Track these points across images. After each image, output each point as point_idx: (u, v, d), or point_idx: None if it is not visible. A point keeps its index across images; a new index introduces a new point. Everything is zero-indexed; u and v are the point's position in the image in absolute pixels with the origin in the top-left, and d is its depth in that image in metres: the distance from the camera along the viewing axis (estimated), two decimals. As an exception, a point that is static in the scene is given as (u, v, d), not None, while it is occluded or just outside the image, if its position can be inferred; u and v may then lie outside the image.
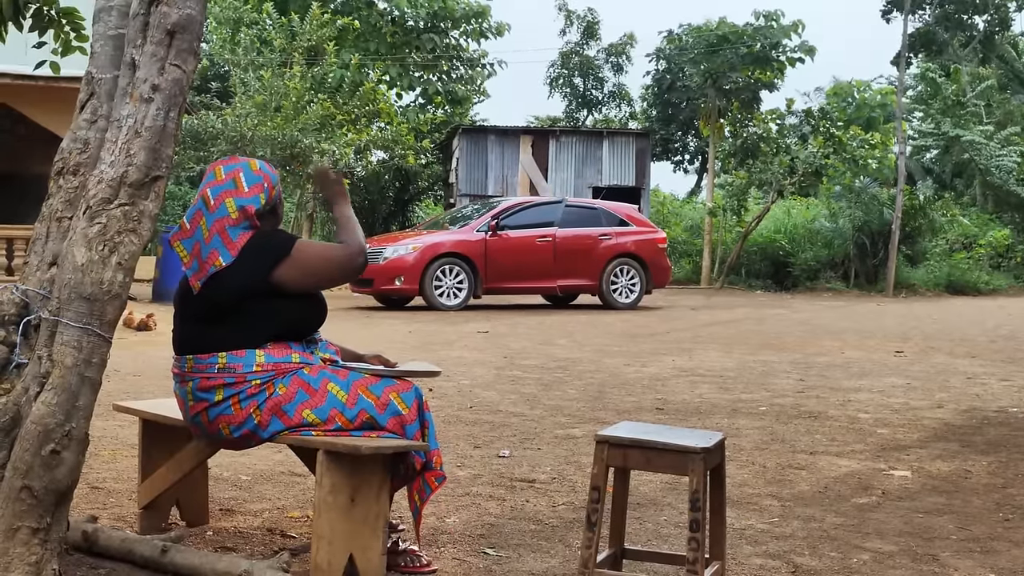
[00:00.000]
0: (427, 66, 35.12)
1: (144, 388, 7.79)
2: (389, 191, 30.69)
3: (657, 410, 7.49)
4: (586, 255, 18.12)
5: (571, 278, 18.21)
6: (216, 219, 3.57)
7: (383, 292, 17.64)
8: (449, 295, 17.29)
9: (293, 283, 3.57)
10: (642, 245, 18.57)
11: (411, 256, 17.20)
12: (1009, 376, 9.85)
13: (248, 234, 3.58)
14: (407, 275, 17.08)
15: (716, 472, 3.49)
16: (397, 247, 17.44)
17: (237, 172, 3.65)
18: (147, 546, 3.64)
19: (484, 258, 17.46)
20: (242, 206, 3.59)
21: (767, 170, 28.00)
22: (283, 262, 3.56)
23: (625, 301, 18.33)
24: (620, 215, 19.03)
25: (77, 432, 3.14)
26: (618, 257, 18.32)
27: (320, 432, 3.55)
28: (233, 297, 3.53)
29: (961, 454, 6.17)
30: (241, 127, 22.56)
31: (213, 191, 3.61)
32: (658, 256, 18.85)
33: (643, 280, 18.49)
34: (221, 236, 3.54)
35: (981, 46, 38.71)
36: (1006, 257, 30.30)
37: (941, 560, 4.08)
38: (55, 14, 4.70)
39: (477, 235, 17.65)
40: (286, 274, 3.56)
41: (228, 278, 3.53)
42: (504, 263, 17.57)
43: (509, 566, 3.86)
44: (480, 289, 17.51)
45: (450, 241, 17.60)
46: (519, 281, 17.90)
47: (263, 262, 3.55)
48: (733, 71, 30.07)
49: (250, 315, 3.55)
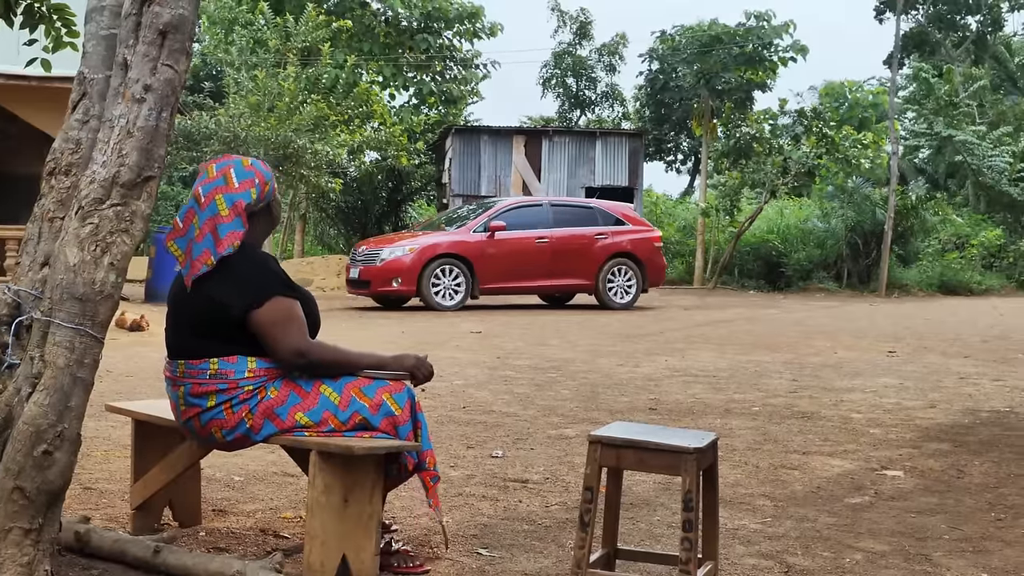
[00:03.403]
0: (421, 67, 35.12)
1: (137, 389, 7.78)
2: (382, 191, 30.68)
3: (650, 410, 7.49)
4: (582, 255, 18.15)
5: (568, 278, 18.25)
6: (208, 217, 3.55)
7: (380, 294, 17.65)
8: (447, 295, 17.31)
9: (255, 329, 3.54)
10: (638, 244, 18.59)
11: (408, 257, 17.23)
12: (1001, 376, 9.86)
13: (239, 233, 3.56)
14: (404, 276, 17.13)
15: (709, 472, 3.49)
16: (394, 248, 17.46)
17: (228, 169, 3.63)
18: (139, 547, 3.64)
19: (481, 259, 17.49)
20: (233, 202, 3.56)
21: (760, 170, 28.04)
22: (254, 310, 3.52)
23: (621, 301, 18.37)
24: (616, 214, 19.04)
25: (69, 433, 3.13)
26: (614, 256, 18.35)
27: (313, 434, 3.55)
28: (220, 314, 3.52)
29: (954, 454, 6.18)
30: (234, 127, 22.53)
31: (204, 188, 3.60)
32: (654, 255, 18.86)
33: (639, 279, 18.51)
34: (212, 235, 3.53)
35: (974, 46, 38.81)
36: (998, 257, 30.38)
37: (934, 560, 4.08)
38: (46, 10, 4.69)
39: (474, 236, 17.69)
40: (252, 320, 3.52)
41: (217, 295, 3.51)
42: (501, 263, 17.60)
43: (502, 566, 3.86)
44: (477, 289, 17.55)
45: (447, 242, 17.62)
46: (516, 281, 17.92)
47: (243, 300, 3.51)
48: (726, 71, 30.12)
49: (239, 331, 3.54)
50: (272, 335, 3.52)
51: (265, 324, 3.51)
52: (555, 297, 19.48)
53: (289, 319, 3.54)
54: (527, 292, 18.85)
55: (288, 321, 3.54)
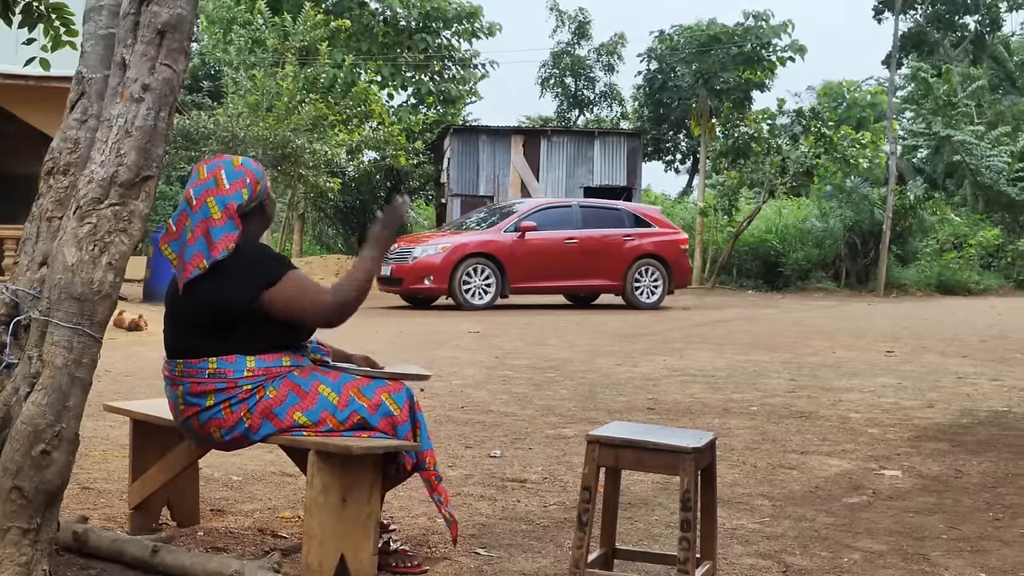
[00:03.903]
0: (419, 66, 35.11)
1: (135, 388, 7.77)
2: (380, 191, 30.67)
3: (648, 410, 7.49)
4: (610, 255, 18.39)
5: (596, 278, 18.50)
6: (200, 220, 3.54)
7: (412, 291, 17.88)
8: (477, 294, 17.49)
9: (276, 312, 3.54)
10: (665, 246, 18.83)
11: (440, 256, 17.48)
12: (999, 376, 9.87)
13: (233, 235, 3.55)
14: (436, 275, 17.37)
15: (707, 472, 3.49)
16: (426, 247, 17.71)
17: (219, 170, 3.62)
18: (137, 546, 3.63)
19: (511, 258, 17.71)
20: (224, 204, 3.56)
21: (758, 170, 28.05)
22: (271, 288, 3.52)
23: (648, 301, 18.57)
24: (643, 216, 19.35)
25: (67, 432, 3.13)
26: (641, 258, 18.58)
27: (311, 434, 3.55)
28: (220, 313, 3.52)
29: (952, 454, 6.18)
30: (233, 127, 22.53)
31: (195, 191, 3.59)
32: (680, 257, 19.14)
33: (665, 280, 18.72)
34: (205, 238, 3.52)
35: (972, 46, 38.83)
36: (996, 257, 30.38)
37: (931, 559, 4.08)
38: (44, 9, 4.69)
39: (505, 235, 17.92)
40: (271, 301, 3.52)
41: (215, 293, 3.51)
42: (531, 263, 17.82)
43: (500, 566, 3.86)
44: (507, 288, 17.76)
45: (478, 241, 17.87)
46: (545, 281, 18.15)
47: (252, 284, 3.51)
48: (724, 71, 30.12)
49: (238, 328, 3.54)
50: (301, 306, 3.53)
51: (289, 298, 3.52)
52: (580, 297, 19.69)
53: (307, 286, 3.57)
54: (555, 292, 19.10)
55: (309, 287, 3.56)
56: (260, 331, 3.56)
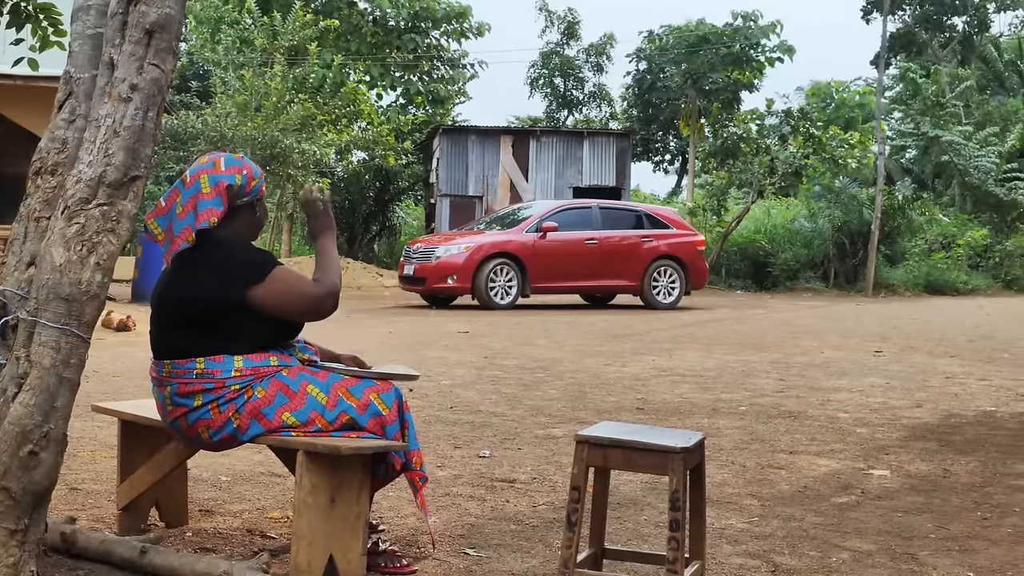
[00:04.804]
0: (408, 66, 35.10)
1: (123, 389, 7.75)
2: (369, 191, 30.65)
3: (637, 410, 7.50)
4: (629, 256, 18.57)
5: (614, 278, 18.67)
6: (191, 195, 3.58)
7: (435, 291, 18.03)
8: (500, 294, 17.63)
9: (267, 309, 3.56)
10: (682, 247, 19.01)
11: (463, 256, 17.65)
12: (987, 376, 9.90)
13: (218, 211, 3.57)
14: (459, 274, 17.53)
15: (696, 472, 3.50)
16: (449, 247, 17.92)
17: (219, 157, 3.69)
18: (126, 547, 3.63)
19: (533, 258, 17.88)
20: (216, 182, 3.59)
21: (747, 170, 28.09)
22: (257, 285, 3.53)
23: (665, 301, 18.74)
24: (661, 218, 19.56)
25: (55, 433, 3.12)
26: (659, 259, 18.75)
27: (300, 434, 3.54)
28: (206, 310, 3.52)
29: (940, 453, 6.20)
30: (221, 127, 22.50)
31: (191, 170, 3.65)
32: (697, 258, 19.31)
33: (683, 281, 18.87)
34: (194, 211, 3.54)
35: (960, 47, 38.95)
36: (984, 257, 30.47)
37: (920, 559, 4.09)
38: (32, 9, 4.68)
39: (526, 236, 18.08)
40: (258, 299, 3.53)
41: (197, 289, 3.52)
42: (552, 263, 17.99)
43: (489, 566, 3.86)
44: (529, 288, 17.92)
45: (500, 241, 18.04)
46: (565, 281, 18.34)
47: (237, 280, 3.52)
48: (713, 71, 30.18)
49: (226, 327, 3.54)
50: (290, 301, 3.57)
51: (278, 293, 3.55)
52: (595, 297, 19.85)
53: (294, 282, 3.60)
54: (575, 292, 19.33)
55: (296, 282, 3.60)
56: (248, 330, 3.55)
